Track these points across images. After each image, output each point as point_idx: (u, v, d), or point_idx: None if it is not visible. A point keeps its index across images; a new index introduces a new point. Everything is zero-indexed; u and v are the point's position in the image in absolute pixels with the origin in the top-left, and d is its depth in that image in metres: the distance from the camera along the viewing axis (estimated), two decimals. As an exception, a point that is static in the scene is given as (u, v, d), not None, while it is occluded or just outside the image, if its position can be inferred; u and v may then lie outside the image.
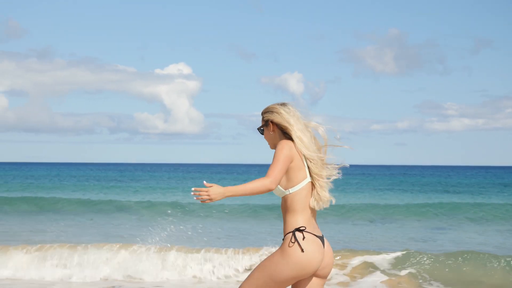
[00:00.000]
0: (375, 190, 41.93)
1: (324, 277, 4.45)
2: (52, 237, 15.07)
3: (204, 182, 4.12)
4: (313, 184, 4.42)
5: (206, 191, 4.09)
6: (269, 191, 4.24)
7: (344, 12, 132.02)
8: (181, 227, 15.08)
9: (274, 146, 4.52)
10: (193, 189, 4.11)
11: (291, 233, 4.31)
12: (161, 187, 44.24)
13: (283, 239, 4.36)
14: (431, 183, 54.92)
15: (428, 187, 47.27)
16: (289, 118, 4.43)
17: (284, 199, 4.38)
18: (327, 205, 4.43)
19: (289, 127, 4.42)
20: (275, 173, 4.22)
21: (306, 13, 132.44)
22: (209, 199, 4.08)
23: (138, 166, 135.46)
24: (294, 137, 4.40)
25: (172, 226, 14.65)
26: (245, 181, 55.56)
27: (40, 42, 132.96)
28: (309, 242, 4.30)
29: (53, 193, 33.69)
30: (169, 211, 21.78)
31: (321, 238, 4.41)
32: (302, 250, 4.25)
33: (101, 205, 25.40)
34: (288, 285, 4.37)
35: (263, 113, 4.55)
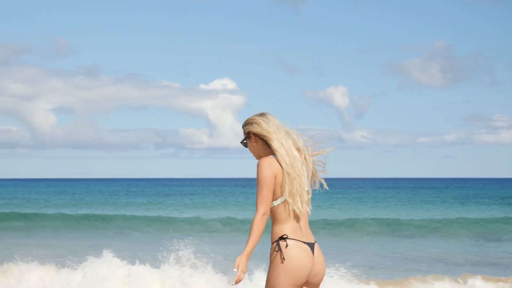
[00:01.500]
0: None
1: (316, 285, 4.44)
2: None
3: (234, 269, 4.26)
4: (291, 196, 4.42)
5: (241, 271, 4.24)
6: (266, 218, 4.32)
7: (388, 25, 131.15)
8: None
9: (259, 157, 4.53)
10: (233, 283, 4.27)
11: (275, 243, 4.35)
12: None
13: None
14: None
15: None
16: (268, 128, 4.44)
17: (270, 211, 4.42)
18: (305, 211, 4.40)
19: (269, 136, 4.42)
20: (265, 202, 4.30)
21: (350, 27, 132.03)
22: (242, 272, 4.24)
23: (185, 181, 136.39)
24: (274, 147, 4.40)
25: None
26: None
27: (87, 59, 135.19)
28: (293, 249, 4.31)
29: (106, 210, 34.13)
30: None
31: (310, 245, 4.40)
32: (284, 259, 4.27)
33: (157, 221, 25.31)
34: None
35: (243, 125, 4.56)
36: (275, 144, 4.40)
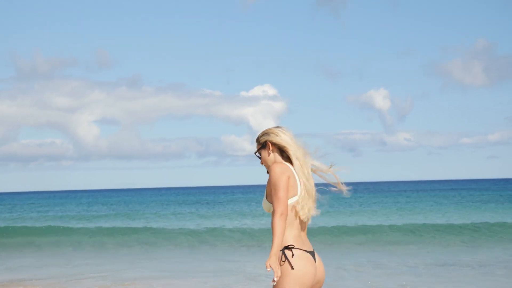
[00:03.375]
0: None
1: None
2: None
3: (268, 270, 4.34)
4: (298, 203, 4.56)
5: (276, 274, 4.32)
6: (285, 218, 4.41)
7: (428, 26, 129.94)
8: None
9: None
10: (275, 279, 4.34)
11: (280, 252, 4.45)
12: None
13: None
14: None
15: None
16: (286, 138, 4.66)
17: (273, 215, 4.51)
18: (309, 216, 4.56)
19: (288, 146, 4.64)
20: (283, 204, 4.42)
21: (390, 29, 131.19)
22: (276, 272, 4.32)
23: (227, 189, 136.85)
24: (292, 155, 4.63)
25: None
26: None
27: (129, 70, 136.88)
28: (299, 258, 4.45)
29: (160, 222, 34.33)
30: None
31: (312, 253, 4.55)
32: (292, 268, 4.40)
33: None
34: None
35: (260, 136, 4.75)
36: (292, 152, 4.63)
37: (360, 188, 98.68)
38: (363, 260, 15.33)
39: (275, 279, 4.33)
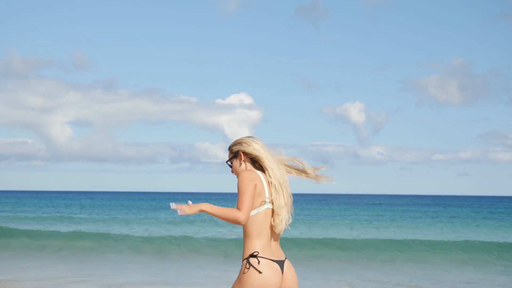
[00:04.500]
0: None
1: None
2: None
3: (189, 202, 4.39)
4: (273, 210, 4.56)
5: (186, 206, 4.33)
6: (239, 224, 4.41)
7: (407, 42, 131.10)
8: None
9: None
10: (173, 204, 4.35)
11: (245, 260, 4.46)
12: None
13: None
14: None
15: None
16: (258, 148, 4.66)
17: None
18: (281, 230, 4.55)
19: (260, 155, 4.64)
20: (246, 206, 4.41)
21: (368, 43, 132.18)
22: (188, 208, 4.30)
23: (199, 195, 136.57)
24: (265, 165, 4.63)
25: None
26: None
27: (105, 73, 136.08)
28: (263, 267, 4.43)
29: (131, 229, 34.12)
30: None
31: (280, 262, 4.53)
32: (260, 272, 4.41)
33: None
34: None
35: (231, 146, 4.76)
36: (266, 162, 4.63)
37: (332, 200, 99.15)
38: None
39: (175, 208, 4.31)
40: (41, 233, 24.81)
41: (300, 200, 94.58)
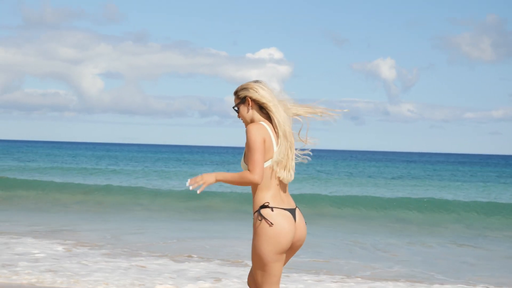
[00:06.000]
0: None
1: (297, 249, 4.59)
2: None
3: (203, 174, 4.39)
4: (280, 162, 4.49)
5: (201, 177, 4.37)
6: (255, 185, 4.40)
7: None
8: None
9: (250, 122, 4.58)
10: (188, 180, 4.38)
11: (256, 213, 4.42)
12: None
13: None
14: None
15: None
16: (266, 95, 4.54)
17: None
18: (290, 179, 4.50)
19: (268, 103, 4.52)
20: (259, 166, 4.36)
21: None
22: (204, 183, 4.36)
23: (228, 149, 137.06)
24: (273, 112, 4.51)
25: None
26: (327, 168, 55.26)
27: (136, 25, 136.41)
28: (275, 215, 4.39)
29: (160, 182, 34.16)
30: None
31: (291, 210, 4.49)
32: (271, 224, 4.37)
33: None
34: (279, 261, 4.44)
35: (238, 91, 4.61)
36: (273, 109, 4.51)
37: (355, 157, 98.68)
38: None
39: (190, 185, 4.35)
40: (94, 187, 24.87)
41: (327, 156, 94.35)
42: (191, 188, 4.36)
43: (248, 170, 4.37)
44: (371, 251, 12.43)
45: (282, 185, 4.51)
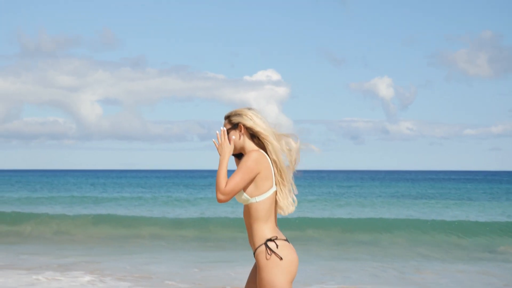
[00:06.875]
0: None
1: None
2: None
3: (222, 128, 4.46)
4: (276, 193, 4.44)
5: (221, 146, 4.43)
6: (216, 198, 4.31)
7: (434, 15, 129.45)
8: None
9: (242, 149, 4.50)
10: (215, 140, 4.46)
11: (263, 246, 4.35)
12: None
13: (254, 252, 4.39)
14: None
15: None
16: (260, 123, 4.45)
17: (248, 207, 4.40)
18: (291, 211, 4.46)
19: (262, 131, 4.42)
20: (233, 188, 4.29)
21: (395, 16, 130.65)
22: (218, 147, 4.44)
23: (229, 173, 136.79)
24: (267, 142, 4.42)
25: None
26: (337, 188, 55.03)
27: (133, 51, 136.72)
28: (282, 247, 4.35)
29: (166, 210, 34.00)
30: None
31: (288, 241, 4.49)
32: (281, 258, 4.31)
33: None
34: None
35: (230, 116, 4.51)
36: (269, 139, 4.41)
37: (360, 177, 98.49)
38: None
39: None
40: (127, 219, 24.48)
41: (329, 177, 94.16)
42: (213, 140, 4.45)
43: (223, 185, 4.28)
44: (398, 276, 12.27)
45: (275, 217, 4.46)
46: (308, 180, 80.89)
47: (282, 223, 21.15)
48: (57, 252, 15.74)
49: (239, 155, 4.56)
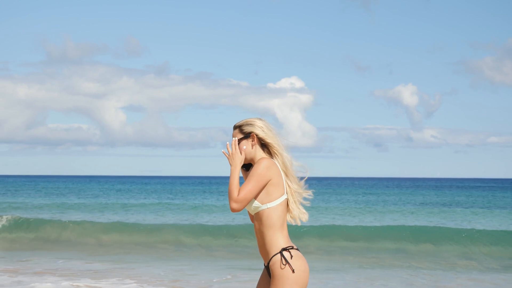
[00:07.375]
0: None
1: None
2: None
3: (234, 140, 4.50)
4: (287, 201, 4.45)
5: (232, 156, 4.44)
6: (230, 207, 4.32)
7: (460, 23, 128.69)
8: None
9: (251, 160, 4.52)
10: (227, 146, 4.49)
11: (278, 255, 4.33)
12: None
13: (269, 262, 4.37)
14: None
15: None
16: (271, 134, 4.49)
17: (260, 215, 4.38)
18: (305, 220, 4.48)
19: (273, 142, 4.46)
20: (246, 196, 4.29)
21: (421, 24, 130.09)
22: (229, 158, 4.45)
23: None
24: (278, 152, 4.46)
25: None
26: (357, 196, 54.74)
27: (157, 58, 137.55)
28: (297, 258, 4.33)
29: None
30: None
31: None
32: (293, 271, 4.28)
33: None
34: None
35: (241, 125, 4.54)
36: (279, 150, 4.45)
37: (385, 184, 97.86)
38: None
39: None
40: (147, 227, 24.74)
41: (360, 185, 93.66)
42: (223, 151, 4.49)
43: (236, 194, 4.29)
44: (432, 285, 12.25)
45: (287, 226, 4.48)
46: (333, 187, 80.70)
47: (310, 231, 21.24)
48: (90, 258, 15.91)
49: (247, 166, 4.58)
